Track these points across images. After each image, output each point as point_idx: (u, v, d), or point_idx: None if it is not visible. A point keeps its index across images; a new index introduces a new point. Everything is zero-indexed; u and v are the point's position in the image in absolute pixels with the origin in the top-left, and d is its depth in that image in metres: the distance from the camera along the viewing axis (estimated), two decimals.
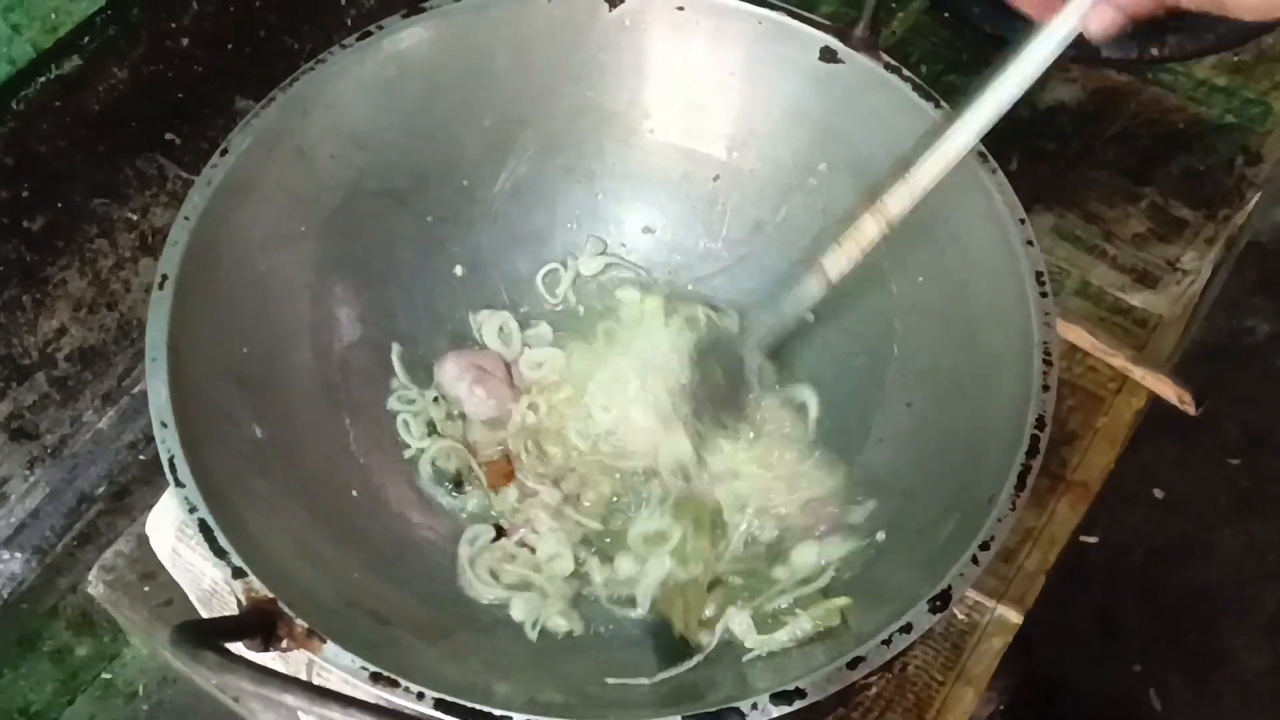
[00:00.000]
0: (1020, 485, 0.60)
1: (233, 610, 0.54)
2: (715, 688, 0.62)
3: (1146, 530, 1.61)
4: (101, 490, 0.87)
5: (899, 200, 0.69)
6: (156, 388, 0.59)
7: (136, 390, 0.89)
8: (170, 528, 0.81)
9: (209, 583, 0.81)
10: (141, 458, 0.89)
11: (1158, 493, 1.63)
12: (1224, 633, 1.54)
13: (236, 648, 0.49)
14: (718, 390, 0.79)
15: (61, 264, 0.81)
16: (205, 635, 0.44)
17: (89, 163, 0.80)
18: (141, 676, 0.97)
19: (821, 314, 0.83)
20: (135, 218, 0.85)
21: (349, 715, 0.40)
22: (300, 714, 0.78)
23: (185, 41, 0.83)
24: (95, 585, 0.88)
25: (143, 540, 0.86)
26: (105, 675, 0.97)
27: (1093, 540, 1.53)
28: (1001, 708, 0.78)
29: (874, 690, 0.76)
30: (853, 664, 0.54)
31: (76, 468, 0.86)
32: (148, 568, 0.87)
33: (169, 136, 0.85)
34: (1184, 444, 1.64)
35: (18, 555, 0.84)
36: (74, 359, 0.84)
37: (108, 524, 0.89)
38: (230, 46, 0.87)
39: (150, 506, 0.84)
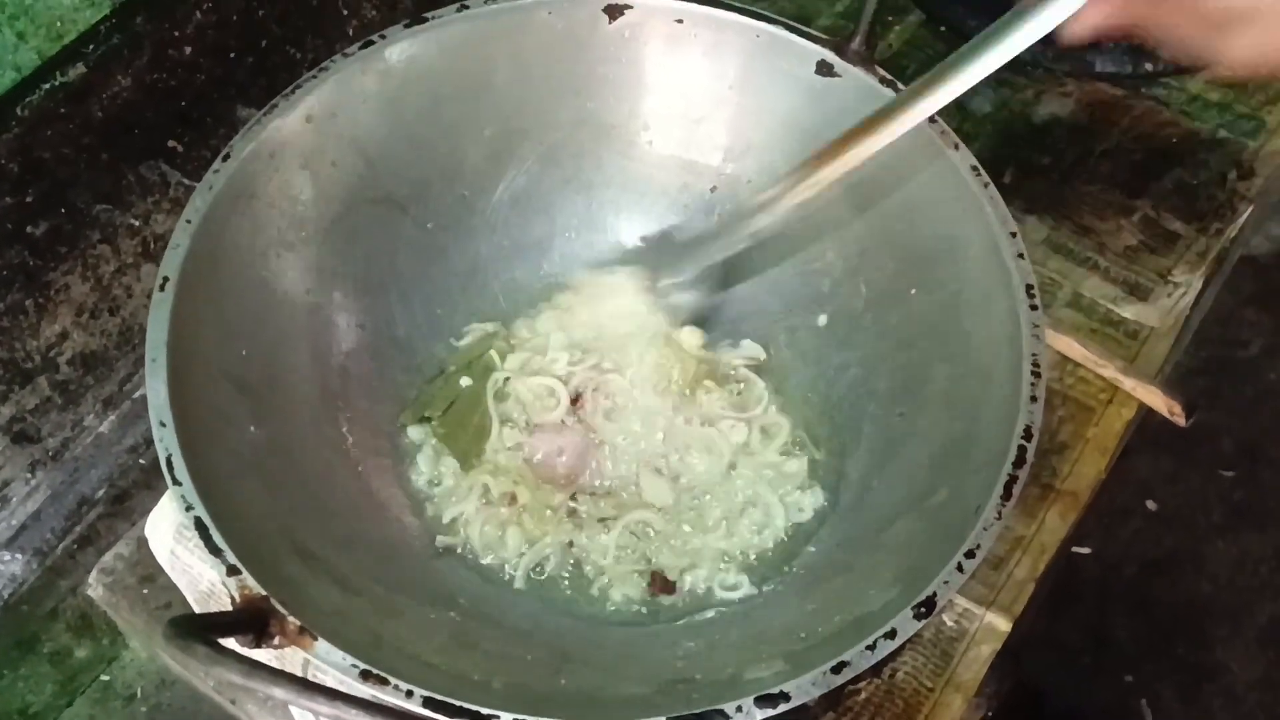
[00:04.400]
0: (1006, 495, 0.60)
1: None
2: None
3: (1139, 542, 1.62)
4: (102, 494, 0.88)
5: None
6: (156, 388, 0.60)
7: (137, 395, 0.89)
8: (169, 530, 0.82)
9: (207, 584, 0.82)
10: (141, 462, 0.89)
11: (1151, 505, 1.64)
12: (1215, 645, 1.54)
13: (230, 644, 0.49)
14: None
15: (64, 269, 0.81)
16: (197, 629, 0.45)
17: (92, 169, 0.81)
18: (140, 679, 0.97)
19: (818, 325, 0.84)
20: (137, 224, 0.86)
21: (336, 709, 0.41)
22: (294, 713, 0.78)
23: (188, 50, 0.84)
24: (95, 587, 0.89)
25: (142, 543, 0.87)
26: (104, 677, 0.97)
27: (1085, 552, 1.53)
28: (990, 714, 0.79)
29: (863, 695, 0.77)
30: (837, 669, 0.54)
31: (77, 471, 0.87)
32: (147, 571, 0.88)
33: (172, 144, 0.86)
34: (1178, 457, 1.65)
35: (18, 557, 0.84)
36: (76, 363, 0.85)
37: (107, 527, 0.90)
38: (233, 56, 0.88)
39: (149, 510, 0.85)
